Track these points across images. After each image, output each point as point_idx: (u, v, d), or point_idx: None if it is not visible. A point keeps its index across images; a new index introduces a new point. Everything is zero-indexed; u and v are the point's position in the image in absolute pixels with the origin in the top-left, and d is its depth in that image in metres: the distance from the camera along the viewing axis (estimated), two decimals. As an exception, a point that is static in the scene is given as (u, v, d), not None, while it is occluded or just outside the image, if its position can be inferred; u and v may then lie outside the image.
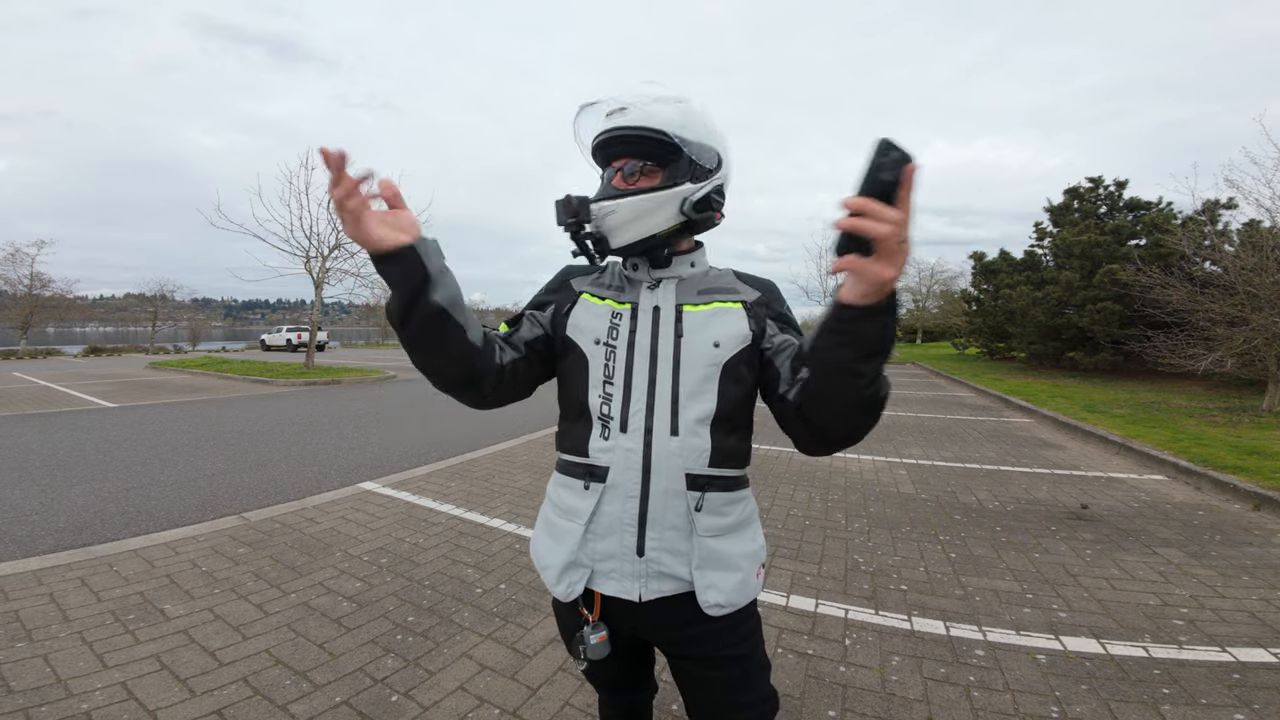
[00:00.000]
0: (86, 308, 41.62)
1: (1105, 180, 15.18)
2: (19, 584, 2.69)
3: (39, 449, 5.81)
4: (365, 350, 31.12)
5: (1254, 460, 4.89)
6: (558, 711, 1.88)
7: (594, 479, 0.96)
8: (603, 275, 1.07)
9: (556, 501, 1.03)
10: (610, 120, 0.96)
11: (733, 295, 1.02)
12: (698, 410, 0.94)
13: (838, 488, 4.48)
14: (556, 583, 0.97)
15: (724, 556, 0.96)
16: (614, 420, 0.95)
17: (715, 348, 0.96)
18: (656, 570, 0.94)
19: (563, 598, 0.97)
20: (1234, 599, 2.67)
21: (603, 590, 0.96)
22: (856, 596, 2.69)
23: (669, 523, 0.94)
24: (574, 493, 0.99)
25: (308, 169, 14.94)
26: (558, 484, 1.04)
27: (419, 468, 5.05)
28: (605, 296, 1.02)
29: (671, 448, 0.93)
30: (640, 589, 0.94)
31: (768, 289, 1.06)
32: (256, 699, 1.90)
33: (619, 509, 0.94)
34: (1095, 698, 1.95)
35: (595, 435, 0.96)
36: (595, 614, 0.99)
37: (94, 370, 16.53)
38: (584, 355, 0.99)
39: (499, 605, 2.58)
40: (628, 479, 0.94)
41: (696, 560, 0.94)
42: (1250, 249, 8.12)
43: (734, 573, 0.96)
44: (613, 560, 0.95)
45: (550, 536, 1.02)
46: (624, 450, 0.94)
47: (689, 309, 0.99)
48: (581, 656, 0.98)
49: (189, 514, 3.85)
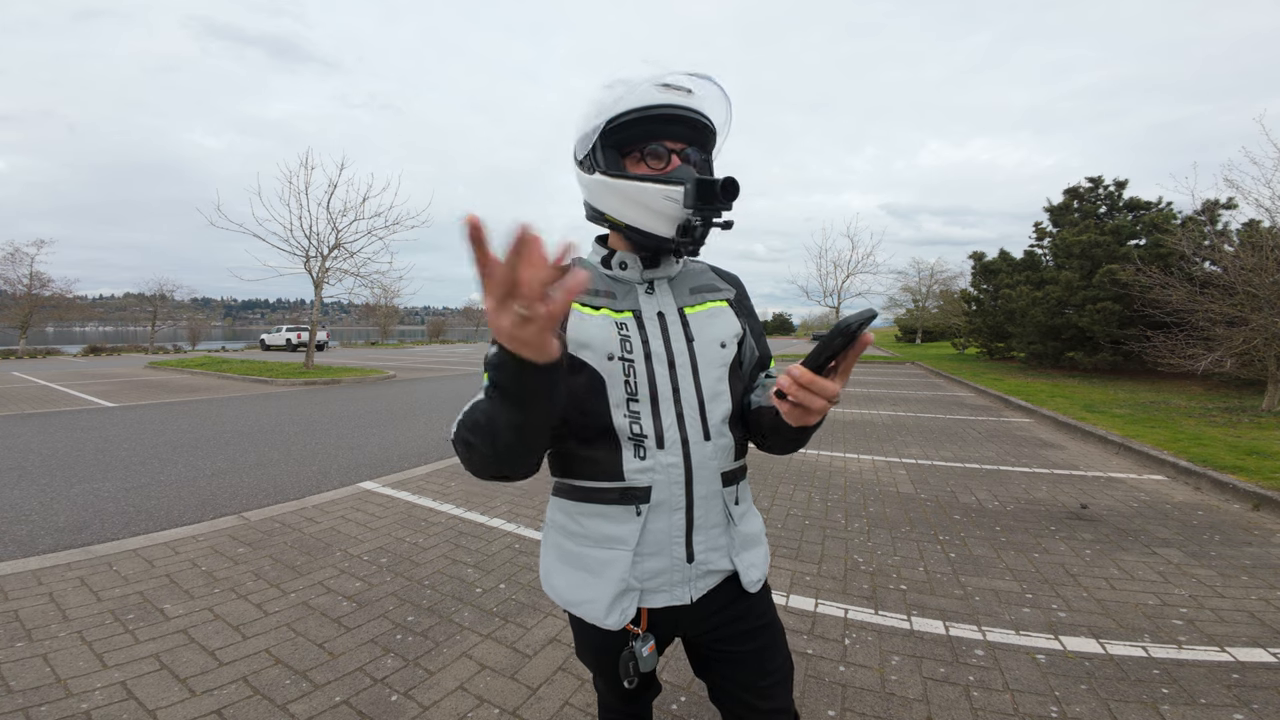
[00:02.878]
0: (86, 307, 41.59)
1: (1105, 180, 15.19)
2: (19, 584, 2.69)
3: (38, 449, 5.81)
4: (365, 350, 31.11)
5: (1253, 460, 4.89)
6: (557, 711, 1.88)
7: (637, 501, 0.91)
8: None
9: (582, 532, 0.95)
10: (674, 96, 0.87)
11: (718, 293, 1.02)
12: (720, 411, 0.95)
13: (837, 487, 4.48)
14: (607, 615, 0.91)
15: (750, 535, 1.01)
16: (649, 438, 0.90)
17: (722, 348, 0.96)
18: (705, 570, 0.95)
19: (615, 627, 0.92)
20: (1233, 599, 2.67)
21: (652, 605, 0.94)
22: (856, 596, 2.69)
23: (712, 523, 0.95)
24: (611, 520, 0.93)
25: (307, 169, 14.96)
26: (578, 513, 0.96)
27: (419, 467, 5.05)
28: (599, 306, 0.93)
29: (707, 453, 0.93)
30: (690, 591, 0.95)
31: (739, 285, 1.09)
32: (256, 698, 1.90)
33: (665, 524, 0.92)
34: (1095, 697, 1.95)
35: (629, 456, 0.90)
36: (644, 625, 0.96)
37: (93, 370, 16.52)
38: (599, 374, 0.89)
39: (499, 605, 2.58)
40: (673, 494, 0.91)
41: (736, 548, 0.98)
42: (1250, 249, 8.12)
43: (760, 546, 1.03)
44: (662, 575, 0.93)
45: (581, 570, 0.95)
46: (665, 466, 0.91)
47: (690, 310, 0.97)
48: (632, 672, 0.93)
49: (189, 514, 3.84)
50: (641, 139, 0.89)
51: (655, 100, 0.86)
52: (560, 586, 0.98)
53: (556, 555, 1.00)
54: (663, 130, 0.89)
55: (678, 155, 0.91)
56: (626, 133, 0.89)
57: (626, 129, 0.88)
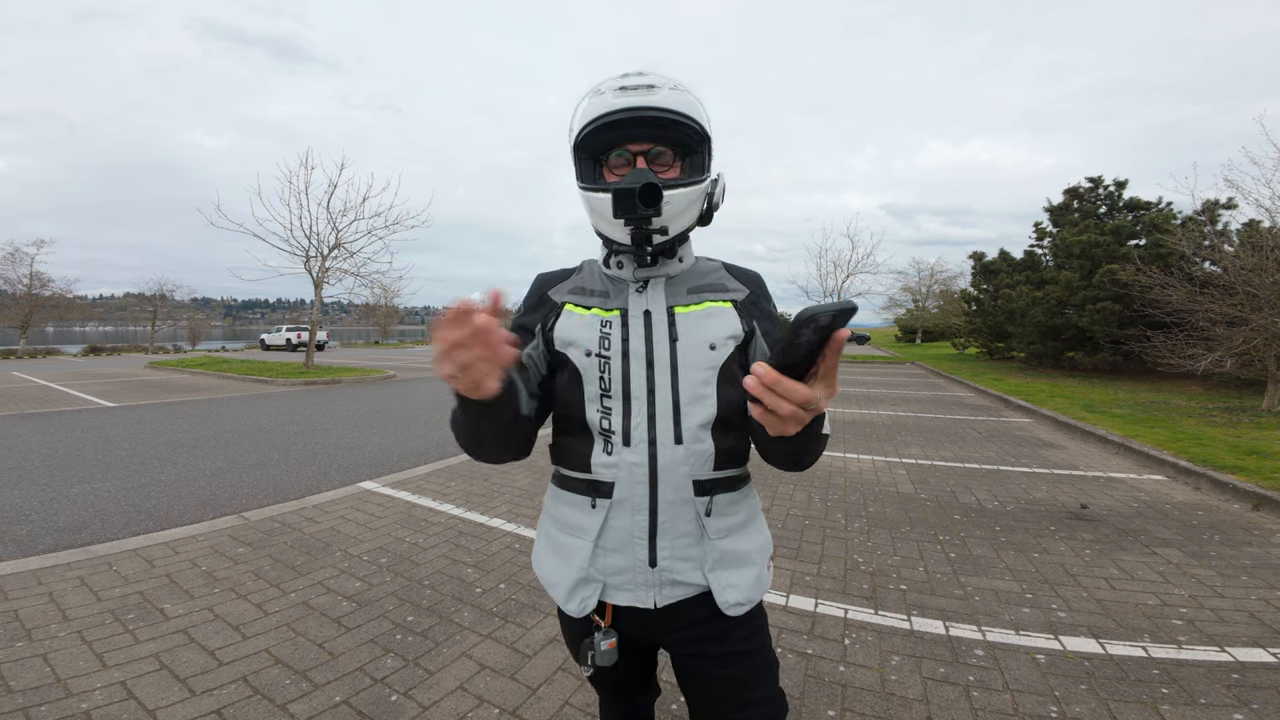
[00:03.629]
0: (86, 307, 41.59)
1: (1105, 180, 15.19)
2: (18, 583, 2.69)
3: (38, 448, 5.81)
4: (365, 350, 31.11)
5: (1253, 460, 4.89)
6: (557, 711, 1.88)
7: (599, 495, 0.93)
8: (580, 278, 1.02)
9: (559, 518, 1.00)
10: (631, 97, 0.85)
11: (723, 294, 0.98)
12: (699, 416, 0.91)
13: (837, 488, 4.48)
14: (567, 600, 0.95)
15: (736, 554, 0.95)
16: (616, 434, 0.91)
17: (711, 350, 0.93)
18: (670, 579, 0.93)
19: (575, 614, 0.95)
20: (1233, 599, 2.67)
21: (615, 602, 0.94)
22: (856, 596, 2.69)
23: (680, 531, 0.92)
24: (579, 509, 0.96)
25: (307, 169, 14.96)
26: (558, 499, 1.00)
27: (419, 467, 5.06)
28: (591, 306, 0.96)
29: (677, 456, 0.90)
30: (655, 596, 0.93)
31: (755, 284, 1.02)
32: (256, 698, 1.90)
33: (628, 523, 0.92)
34: (1094, 697, 1.95)
35: (597, 450, 0.93)
36: (607, 620, 0.97)
37: (93, 370, 16.52)
38: (577, 370, 0.93)
39: (498, 605, 2.58)
40: (635, 493, 0.91)
41: (710, 563, 0.93)
42: (1250, 249, 8.12)
43: (749, 568, 0.96)
44: (625, 574, 0.93)
45: (555, 554, 0.99)
46: (629, 465, 0.91)
47: (680, 310, 0.94)
48: (589, 663, 0.95)
49: (188, 513, 3.85)
50: (606, 146, 0.90)
51: (613, 105, 0.85)
52: (543, 566, 1.02)
53: (543, 535, 1.04)
54: (626, 134, 0.88)
55: (643, 157, 0.89)
56: (593, 143, 0.90)
57: (593, 137, 0.89)
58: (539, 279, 1.04)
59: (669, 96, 0.85)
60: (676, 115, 0.86)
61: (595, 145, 0.90)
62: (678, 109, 0.86)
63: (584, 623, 0.99)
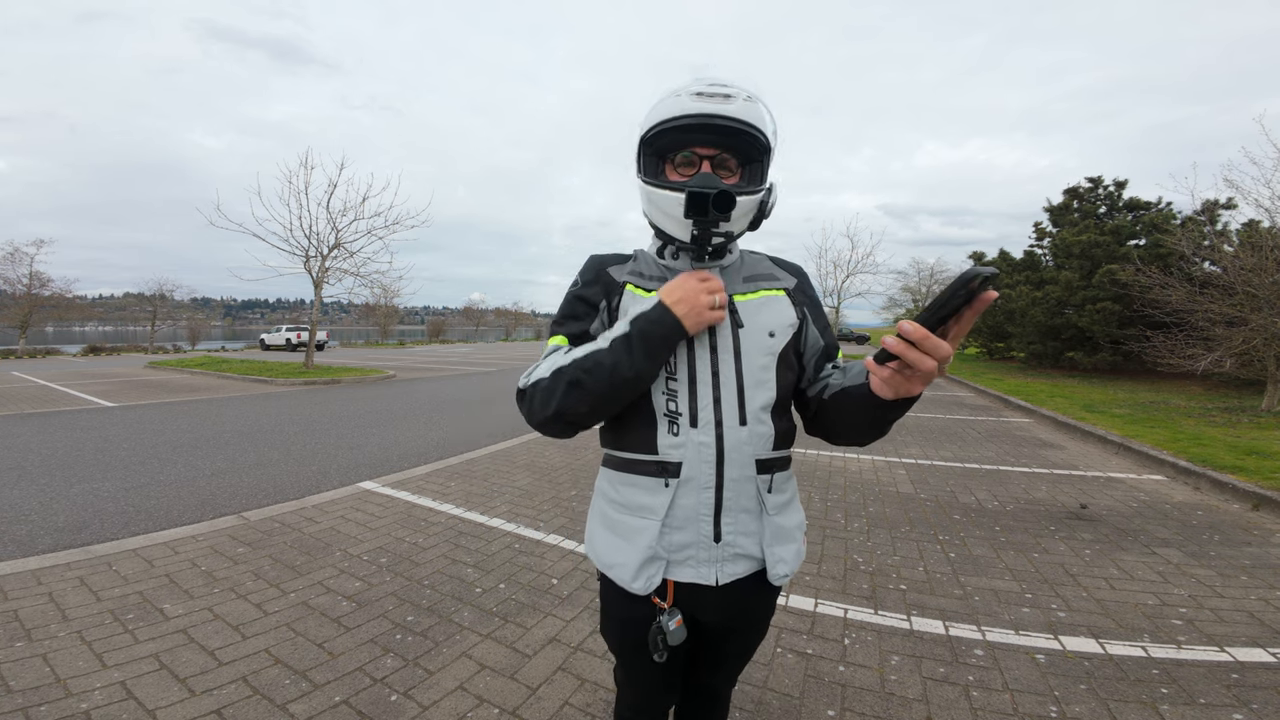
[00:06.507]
0: (86, 307, 41.55)
1: (1105, 180, 15.20)
2: (18, 583, 2.69)
3: (38, 448, 5.81)
4: (365, 350, 31.10)
5: (1253, 460, 4.89)
6: (557, 711, 1.88)
7: (667, 474, 0.96)
8: (637, 264, 1.05)
9: (620, 500, 1.02)
10: (707, 104, 0.89)
11: (775, 282, 1.05)
12: (761, 399, 0.96)
13: (837, 487, 4.48)
14: (634, 579, 0.97)
15: (785, 530, 1.02)
16: (683, 416, 0.95)
17: (771, 337, 0.98)
18: (732, 553, 0.97)
19: (641, 591, 0.98)
20: (1232, 599, 2.68)
21: (678, 578, 0.98)
22: (856, 596, 2.69)
23: (742, 507, 0.97)
24: (644, 490, 0.98)
25: (307, 169, 14.94)
26: (619, 481, 1.02)
27: (418, 467, 5.05)
28: (651, 289, 1.00)
29: (741, 437, 0.95)
30: (717, 573, 0.97)
31: (800, 274, 1.10)
32: (256, 698, 1.90)
33: (694, 501, 0.95)
34: (1094, 697, 1.95)
35: (663, 432, 0.96)
36: (670, 600, 1.00)
37: (93, 370, 16.50)
38: None
39: (498, 605, 2.58)
40: (702, 472, 0.95)
41: (767, 538, 0.99)
42: (1249, 249, 8.12)
43: (793, 543, 1.04)
44: (689, 549, 0.97)
45: (617, 535, 1.01)
46: (697, 445, 0.94)
47: (739, 298, 1.00)
48: (660, 646, 0.98)
49: (188, 513, 3.84)
50: (674, 146, 0.95)
51: (687, 109, 0.90)
52: (599, 549, 1.04)
53: (599, 520, 1.07)
54: (694, 138, 0.92)
55: (709, 162, 0.94)
56: (663, 140, 0.94)
57: (662, 137, 0.94)
58: (594, 258, 1.07)
59: (742, 108, 0.90)
60: (746, 126, 0.90)
61: (663, 144, 0.95)
62: (749, 120, 0.90)
63: (648, 607, 1.01)
